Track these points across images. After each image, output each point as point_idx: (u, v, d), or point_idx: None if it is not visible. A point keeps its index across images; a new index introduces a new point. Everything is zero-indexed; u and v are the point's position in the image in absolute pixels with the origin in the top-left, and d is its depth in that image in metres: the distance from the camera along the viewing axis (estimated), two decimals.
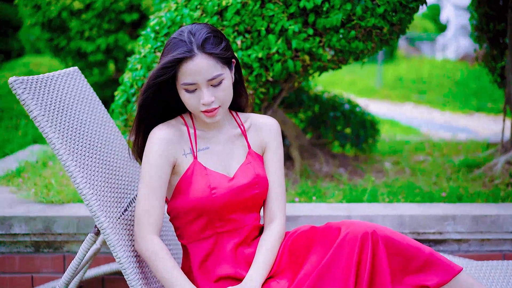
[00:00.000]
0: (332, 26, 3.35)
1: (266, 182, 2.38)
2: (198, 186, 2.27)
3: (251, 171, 2.35)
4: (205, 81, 2.18)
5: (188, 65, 2.16)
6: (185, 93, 2.23)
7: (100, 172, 2.51)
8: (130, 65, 3.72)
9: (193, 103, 2.23)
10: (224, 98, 2.24)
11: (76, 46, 6.89)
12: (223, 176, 2.32)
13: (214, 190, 2.26)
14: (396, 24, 3.49)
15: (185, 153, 2.33)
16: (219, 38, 2.23)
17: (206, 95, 2.19)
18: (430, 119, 10.56)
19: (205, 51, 2.15)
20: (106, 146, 2.71)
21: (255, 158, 2.40)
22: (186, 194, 2.29)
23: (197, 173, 2.29)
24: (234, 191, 2.29)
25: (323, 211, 3.26)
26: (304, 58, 3.48)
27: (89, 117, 2.70)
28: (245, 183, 2.32)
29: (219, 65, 2.19)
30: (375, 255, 2.08)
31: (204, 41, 2.16)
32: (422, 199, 3.60)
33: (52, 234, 3.22)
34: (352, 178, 4.28)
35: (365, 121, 4.73)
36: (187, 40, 2.17)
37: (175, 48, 2.18)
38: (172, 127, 2.33)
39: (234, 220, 2.34)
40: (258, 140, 2.44)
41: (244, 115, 2.48)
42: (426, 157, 4.94)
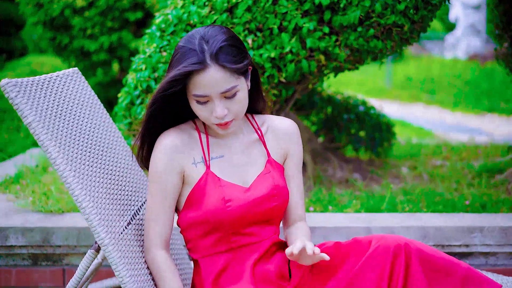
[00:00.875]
0: (349, 24, 3.14)
1: (286, 193, 2.19)
2: (211, 198, 2.09)
3: (269, 182, 2.15)
4: (218, 94, 1.99)
5: (200, 77, 1.96)
6: (196, 104, 2.04)
7: (101, 183, 2.32)
8: (134, 65, 3.52)
9: (204, 114, 2.05)
10: (238, 110, 2.05)
11: (78, 45, 6.70)
12: (239, 187, 2.12)
13: (229, 203, 2.07)
14: (417, 22, 3.28)
15: (195, 162, 2.14)
16: (236, 47, 2.02)
17: (219, 108, 2.00)
18: (441, 120, 10.33)
19: (219, 63, 1.95)
20: (108, 153, 2.51)
21: (274, 167, 2.20)
22: (199, 206, 2.11)
23: (210, 184, 2.11)
24: (250, 203, 2.10)
25: (340, 222, 3.05)
26: (319, 58, 3.28)
27: (90, 122, 2.50)
28: (262, 194, 2.12)
29: (234, 77, 1.99)
30: (408, 267, 1.94)
31: (219, 51, 1.96)
32: (444, 208, 3.38)
33: (51, 246, 3.02)
34: (368, 184, 4.07)
35: (380, 123, 4.52)
36: (198, 48, 1.96)
37: (185, 58, 1.98)
38: (182, 132, 2.15)
39: (250, 234, 2.15)
40: (277, 147, 2.24)
41: (260, 118, 2.28)
42: (443, 162, 4.72)
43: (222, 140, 2.17)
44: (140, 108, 3.39)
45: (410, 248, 1.95)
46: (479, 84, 12.52)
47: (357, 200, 3.36)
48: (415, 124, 9.22)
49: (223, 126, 2.05)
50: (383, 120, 4.59)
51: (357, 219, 3.09)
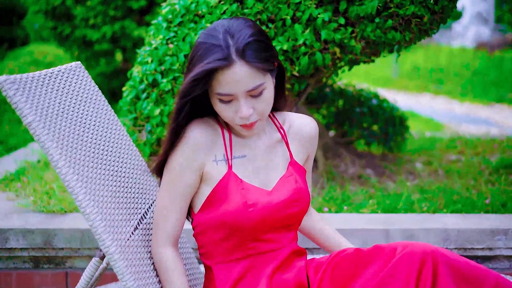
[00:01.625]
0: (366, 14, 2.98)
1: (308, 197, 2.04)
2: (233, 201, 1.94)
3: (292, 185, 2.00)
4: (243, 92, 1.83)
5: (225, 74, 1.80)
6: (220, 104, 1.88)
7: (106, 185, 2.18)
8: (139, 58, 3.36)
9: (228, 115, 1.89)
10: (264, 110, 1.89)
11: (81, 34, 6.53)
12: (261, 190, 1.98)
13: (251, 208, 1.93)
14: (437, 13, 3.11)
15: (216, 160, 1.99)
16: (263, 42, 1.86)
17: (244, 107, 1.85)
18: (450, 111, 10.15)
19: (245, 59, 1.79)
20: (113, 153, 2.37)
21: (297, 169, 2.05)
22: (218, 208, 1.96)
23: (232, 186, 1.96)
24: (272, 207, 1.95)
25: (357, 223, 2.90)
26: (334, 51, 3.12)
27: (94, 120, 2.36)
28: (285, 198, 1.97)
29: (261, 74, 1.83)
30: (436, 276, 1.80)
31: (246, 46, 1.80)
32: (463, 208, 3.24)
33: (53, 249, 2.88)
34: (381, 180, 3.92)
35: (394, 117, 4.36)
36: (223, 44, 1.80)
37: (208, 54, 1.81)
38: (206, 126, 1.99)
39: (269, 241, 2.00)
40: (300, 149, 2.09)
41: (280, 115, 2.12)
42: (458, 156, 4.57)
43: (244, 139, 2.02)
44: (146, 103, 3.24)
45: (437, 256, 1.81)
46: (487, 74, 12.33)
47: (372, 200, 3.20)
48: (424, 115, 9.04)
49: (248, 127, 1.90)
50: (397, 113, 4.43)
51: (374, 221, 2.94)
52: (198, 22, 3.21)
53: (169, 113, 3.20)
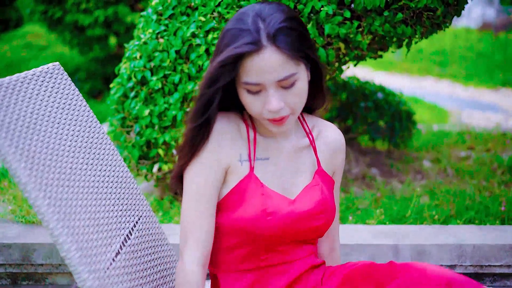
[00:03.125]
0: (374, 7, 2.72)
1: (334, 210, 1.82)
2: (251, 206, 1.72)
3: (317, 195, 1.78)
4: (273, 82, 1.61)
5: (253, 61, 1.59)
6: (247, 95, 1.65)
7: (84, 207, 1.94)
8: (128, 53, 3.10)
9: (256, 107, 1.66)
10: (296, 104, 1.66)
11: (72, 19, 6.24)
12: (283, 198, 1.75)
13: (270, 217, 1.71)
14: (451, 5, 2.85)
15: (241, 159, 1.77)
16: (297, 30, 1.63)
17: (274, 100, 1.62)
18: (454, 95, 9.88)
19: (276, 44, 1.58)
20: (94, 166, 2.13)
21: (324, 179, 1.83)
22: (234, 212, 1.74)
23: (252, 189, 1.74)
24: (293, 218, 1.74)
25: (364, 237, 2.66)
26: (339, 46, 2.86)
27: (72, 130, 2.12)
28: (308, 209, 1.75)
29: (293, 62, 1.60)
30: None
31: (278, 31, 1.59)
32: (477, 215, 3.00)
33: (32, 265, 2.65)
34: (387, 180, 3.68)
35: (400, 112, 4.10)
36: (252, 28, 1.59)
37: (236, 39, 1.60)
38: (231, 122, 1.78)
39: (282, 252, 1.79)
40: (329, 160, 1.87)
41: (310, 119, 1.89)
42: (468, 152, 4.33)
43: (270, 140, 1.80)
44: (134, 102, 2.99)
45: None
46: (492, 56, 12.03)
47: (379, 209, 2.96)
48: (427, 100, 8.77)
49: (278, 121, 1.67)
50: (403, 108, 4.17)
51: (382, 234, 2.70)
52: (190, 15, 2.94)
53: (159, 113, 2.95)
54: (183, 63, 2.92)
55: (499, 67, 11.37)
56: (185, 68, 2.90)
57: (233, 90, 1.76)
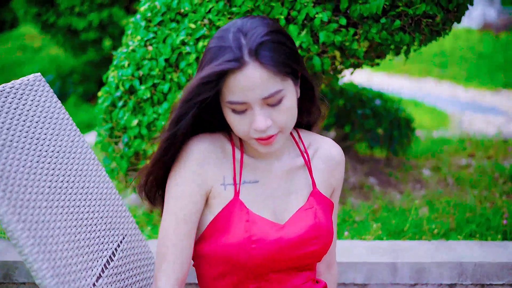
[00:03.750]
0: (371, 14, 2.61)
1: (331, 235, 1.71)
2: (235, 234, 1.63)
3: (309, 219, 1.67)
4: (259, 100, 1.52)
5: (236, 78, 1.51)
6: (232, 114, 1.57)
7: (63, 229, 1.85)
8: (116, 61, 2.99)
9: (242, 127, 1.57)
10: (284, 122, 1.57)
11: (65, 23, 6.13)
12: (271, 223, 1.65)
13: (255, 245, 1.61)
14: (452, 11, 2.74)
15: (224, 183, 1.67)
16: (282, 44, 1.55)
17: (260, 118, 1.53)
18: (454, 97, 9.76)
19: (259, 59, 1.50)
20: (75, 184, 2.03)
21: (320, 201, 1.72)
22: (219, 240, 1.65)
23: (236, 215, 1.64)
24: (282, 245, 1.63)
25: (360, 254, 2.55)
26: (334, 54, 2.75)
27: (52, 146, 2.02)
28: (299, 235, 1.65)
29: (279, 78, 1.52)
30: None
31: (260, 46, 1.51)
32: (478, 228, 2.90)
33: (14, 283, 2.54)
34: (386, 190, 3.57)
35: (399, 119, 3.99)
36: (233, 44, 1.51)
37: (217, 57, 1.52)
38: (215, 142, 1.70)
39: (275, 280, 1.69)
40: (325, 178, 1.77)
41: (306, 136, 1.79)
42: (469, 160, 4.22)
43: (259, 161, 1.71)
44: (122, 112, 2.88)
45: None
46: (493, 57, 11.91)
47: (376, 224, 2.85)
48: (427, 103, 8.67)
49: (266, 141, 1.57)
50: (402, 115, 4.06)
51: (379, 250, 2.59)
52: (180, 22, 2.83)
53: (148, 124, 2.84)
54: (173, 72, 2.82)
55: (500, 68, 11.26)
56: (174, 77, 2.79)
57: (219, 109, 1.66)
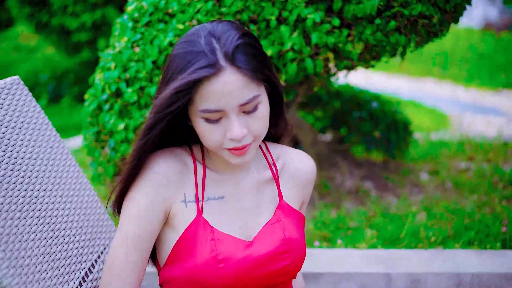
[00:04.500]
0: (365, 15, 2.52)
1: (302, 248, 1.62)
2: (200, 254, 1.52)
3: (278, 234, 1.59)
4: (236, 107, 1.43)
5: (212, 85, 1.41)
6: (204, 124, 1.46)
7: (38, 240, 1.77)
8: (102, 62, 2.90)
9: (215, 137, 1.47)
10: (259, 130, 1.49)
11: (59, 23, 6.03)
12: (238, 241, 1.56)
13: (222, 264, 1.51)
14: (449, 12, 2.64)
15: (185, 200, 1.57)
16: (255, 47, 1.47)
17: (237, 126, 1.44)
18: (455, 98, 9.65)
19: (236, 63, 1.41)
20: (53, 193, 1.94)
21: (288, 214, 1.64)
22: (184, 262, 1.54)
23: (201, 235, 1.54)
24: (250, 263, 1.54)
25: (353, 264, 2.46)
26: (327, 56, 2.66)
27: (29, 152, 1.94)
28: (269, 251, 1.56)
29: (255, 83, 1.45)
30: None
31: (236, 49, 1.42)
32: (477, 236, 2.80)
33: None
34: (382, 195, 3.48)
35: (397, 122, 3.89)
36: (206, 49, 1.41)
37: (190, 63, 1.42)
38: (176, 159, 1.59)
39: None
40: (295, 190, 1.69)
41: (275, 148, 1.71)
42: (468, 164, 4.12)
43: (224, 176, 1.61)
44: (108, 116, 2.79)
45: None
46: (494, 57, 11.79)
47: (371, 231, 2.76)
48: (427, 104, 8.56)
49: (240, 151, 1.48)
50: (399, 117, 3.96)
51: (374, 260, 2.50)
52: (168, 22, 2.74)
53: (135, 128, 2.75)
54: (160, 74, 2.72)
55: (501, 68, 11.14)
56: None
57: (176, 123, 1.57)
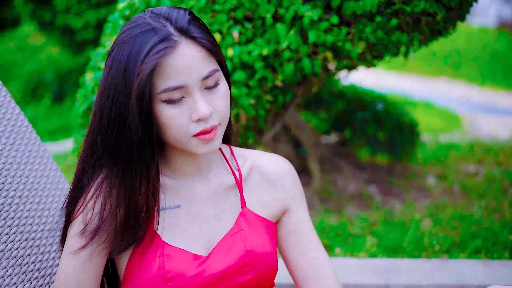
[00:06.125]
0: (365, 12, 2.39)
1: (271, 260, 1.47)
2: (148, 273, 1.40)
3: (239, 246, 1.45)
4: (198, 81, 1.34)
5: (170, 60, 1.31)
6: (167, 108, 1.34)
7: (8, 251, 1.69)
8: (92, 62, 2.79)
9: (181, 122, 1.34)
10: (224, 109, 1.39)
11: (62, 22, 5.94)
12: (192, 256, 1.42)
13: (170, 283, 1.38)
14: (454, 9, 2.51)
15: None
16: (204, 24, 1.41)
17: (202, 103, 1.34)
18: (468, 99, 9.47)
19: (191, 35, 1.34)
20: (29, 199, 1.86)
21: (251, 222, 1.50)
22: (135, 281, 1.42)
23: (151, 250, 1.42)
24: (204, 280, 1.40)
25: (350, 274, 2.33)
26: (326, 56, 2.53)
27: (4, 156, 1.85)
28: (226, 267, 1.42)
29: (213, 58, 1.38)
30: None
31: (189, 23, 1.35)
32: (484, 244, 2.67)
33: None
34: (387, 200, 3.35)
35: (402, 124, 3.75)
36: (158, 25, 1.32)
37: (142, 44, 1.31)
38: None
39: None
40: (263, 195, 1.55)
41: (241, 153, 1.59)
42: (477, 167, 3.98)
43: (181, 182, 1.48)
44: None
45: None
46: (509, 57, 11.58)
47: (372, 239, 2.63)
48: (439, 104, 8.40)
49: (209, 135, 1.36)
50: (405, 120, 3.81)
51: (372, 270, 2.37)
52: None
53: None
54: None
55: None
56: None
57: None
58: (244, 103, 2.50)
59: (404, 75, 11.07)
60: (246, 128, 2.67)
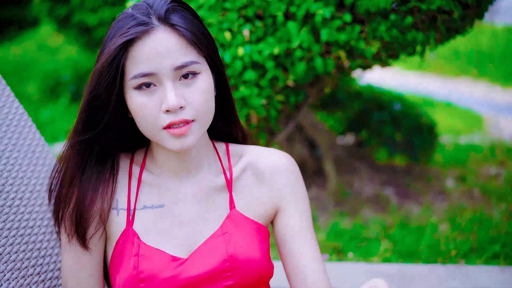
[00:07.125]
0: (379, 10, 2.32)
1: (256, 266, 1.38)
2: (124, 272, 1.36)
3: (220, 250, 1.37)
4: (170, 71, 1.28)
5: (144, 44, 1.28)
6: (138, 96, 1.30)
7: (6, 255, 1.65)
8: None
9: (150, 112, 1.29)
10: (200, 104, 1.32)
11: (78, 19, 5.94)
12: (169, 258, 1.36)
13: (143, 284, 1.34)
14: (471, 7, 2.43)
15: (117, 207, 1.42)
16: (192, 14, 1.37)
17: (171, 93, 1.28)
18: (490, 98, 9.32)
19: (169, 22, 1.31)
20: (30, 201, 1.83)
21: (239, 225, 1.41)
22: (117, 277, 1.38)
23: (128, 249, 1.38)
24: (178, 284, 1.34)
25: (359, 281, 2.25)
26: (339, 55, 2.47)
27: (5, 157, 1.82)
28: (205, 270, 1.35)
29: (193, 48, 1.32)
30: None
31: (169, 10, 1.32)
32: (502, 250, 2.59)
33: None
34: (404, 203, 3.27)
35: (421, 126, 3.67)
36: (138, 13, 1.30)
37: (120, 28, 1.31)
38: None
39: None
40: (256, 196, 1.46)
41: (239, 149, 1.51)
42: (498, 170, 3.88)
43: (168, 180, 1.43)
44: None
45: None
46: None
47: (386, 242, 2.56)
48: (461, 105, 8.27)
49: (179, 129, 1.29)
50: (424, 120, 3.73)
51: (384, 276, 2.30)
52: None
53: None
54: None
55: None
56: None
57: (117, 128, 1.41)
58: (255, 103, 2.45)
59: (425, 75, 10.94)
60: (257, 128, 2.61)
